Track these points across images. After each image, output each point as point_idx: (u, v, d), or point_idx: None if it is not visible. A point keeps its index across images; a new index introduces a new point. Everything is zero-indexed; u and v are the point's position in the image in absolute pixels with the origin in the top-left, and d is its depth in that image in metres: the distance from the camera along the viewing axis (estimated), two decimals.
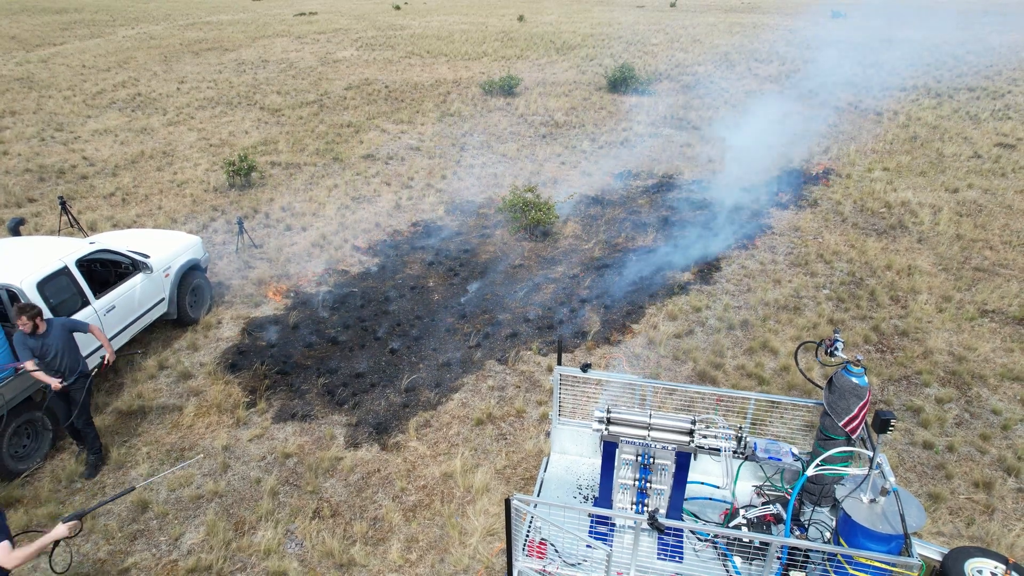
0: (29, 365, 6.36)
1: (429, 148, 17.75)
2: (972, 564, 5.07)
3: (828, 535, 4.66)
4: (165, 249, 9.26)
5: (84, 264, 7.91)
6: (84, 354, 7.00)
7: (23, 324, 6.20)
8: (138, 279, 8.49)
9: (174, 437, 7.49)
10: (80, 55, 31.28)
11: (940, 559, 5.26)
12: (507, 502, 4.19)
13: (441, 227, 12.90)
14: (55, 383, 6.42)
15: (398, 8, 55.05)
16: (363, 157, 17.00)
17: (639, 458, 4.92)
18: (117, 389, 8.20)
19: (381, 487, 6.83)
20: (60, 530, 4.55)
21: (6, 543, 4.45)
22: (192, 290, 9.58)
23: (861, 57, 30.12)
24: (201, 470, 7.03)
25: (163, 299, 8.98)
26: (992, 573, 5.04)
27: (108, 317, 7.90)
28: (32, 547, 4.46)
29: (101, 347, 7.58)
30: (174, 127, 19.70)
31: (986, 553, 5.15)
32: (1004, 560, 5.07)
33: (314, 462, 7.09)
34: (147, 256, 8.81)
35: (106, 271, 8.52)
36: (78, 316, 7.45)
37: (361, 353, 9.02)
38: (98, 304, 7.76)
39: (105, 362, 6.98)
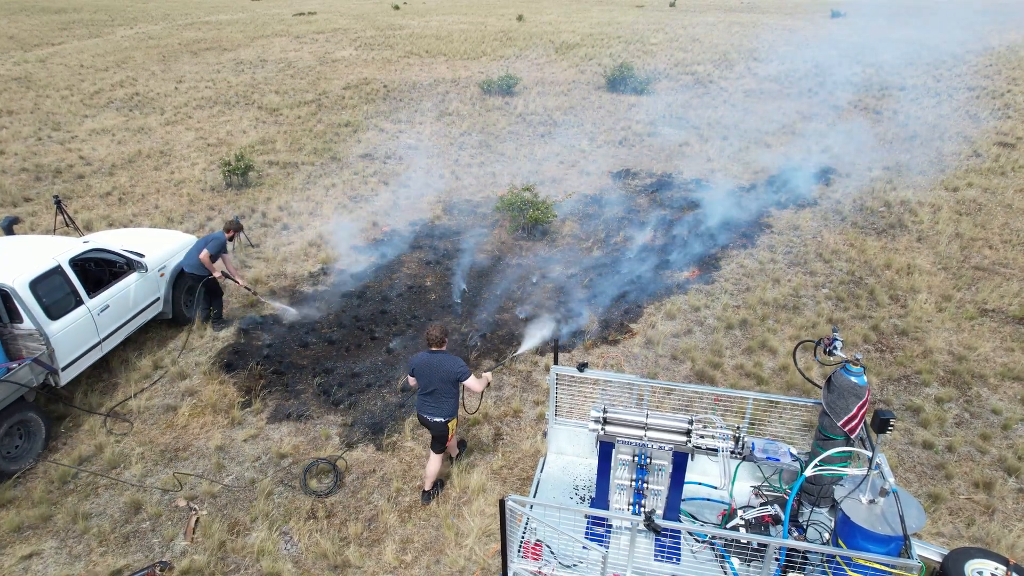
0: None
1: (427, 147, 17.70)
2: (972, 565, 5.03)
3: (827, 536, 4.61)
4: (160, 248, 9.21)
5: (78, 263, 7.84)
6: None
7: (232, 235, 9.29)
8: (133, 278, 8.43)
9: (168, 437, 7.43)
10: (78, 55, 31.21)
11: (940, 560, 5.22)
12: (502, 503, 4.14)
13: (439, 226, 12.84)
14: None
15: (397, 8, 54.99)
16: (361, 156, 16.95)
17: (636, 458, 4.87)
18: (111, 389, 8.15)
19: (376, 488, 6.77)
20: (488, 376, 6.44)
21: (472, 377, 6.20)
22: (187, 289, 9.52)
23: (861, 56, 30.07)
24: (195, 470, 6.97)
25: (158, 298, 8.92)
26: (993, 574, 5.00)
27: (102, 316, 7.84)
28: (484, 379, 6.34)
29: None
30: (172, 126, 19.64)
31: (987, 554, 5.11)
32: (1005, 561, 5.02)
33: (309, 463, 7.04)
34: (142, 255, 8.76)
35: (100, 270, 8.46)
36: (71, 315, 7.42)
37: (357, 353, 8.97)
38: (92, 303, 7.70)
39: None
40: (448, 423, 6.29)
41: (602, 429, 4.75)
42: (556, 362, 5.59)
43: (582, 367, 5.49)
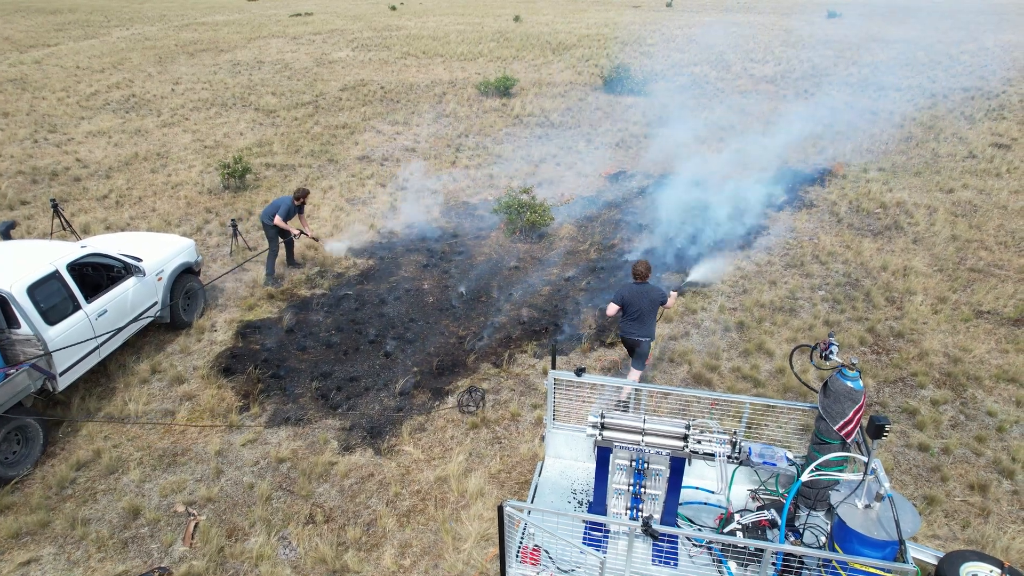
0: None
1: (424, 149, 17.71)
2: (968, 568, 5.06)
3: (823, 539, 4.64)
4: (158, 252, 9.21)
5: (75, 268, 7.84)
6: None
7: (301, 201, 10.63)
8: (130, 283, 8.43)
9: (166, 442, 7.44)
10: (74, 56, 31.15)
11: (936, 563, 5.25)
12: (500, 509, 4.15)
13: (436, 229, 12.86)
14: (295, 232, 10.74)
15: (394, 9, 54.99)
16: (358, 158, 16.96)
17: (633, 463, 4.90)
18: (109, 394, 8.14)
19: (375, 492, 6.79)
20: (674, 295, 7.58)
21: (673, 294, 7.48)
22: (185, 293, 9.53)
23: (857, 57, 30.16)
24: (194, 475, 6.98)
25: (156, 302, 8.92)
26: None
27: (100, 321, 7.84)
28: (672, 296, 7.43)
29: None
30: (168, 128, 19.62)
31: (982, 557, 5.14)
32: (999, 564, 5.06)
33: (308, 467, 7.05)
34: (139, 259, 8.76)
35: (98, 275, 8.45)
36: (68, 320, 7.42)
37: (355, 356, 8.98)
38: (90, 308, 7.70)
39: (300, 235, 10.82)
40: (651, 343, 7.50)
41: (600, 434, 4.77)
42: (554, 366, 5.61)
43: (580, 372, 5.51)
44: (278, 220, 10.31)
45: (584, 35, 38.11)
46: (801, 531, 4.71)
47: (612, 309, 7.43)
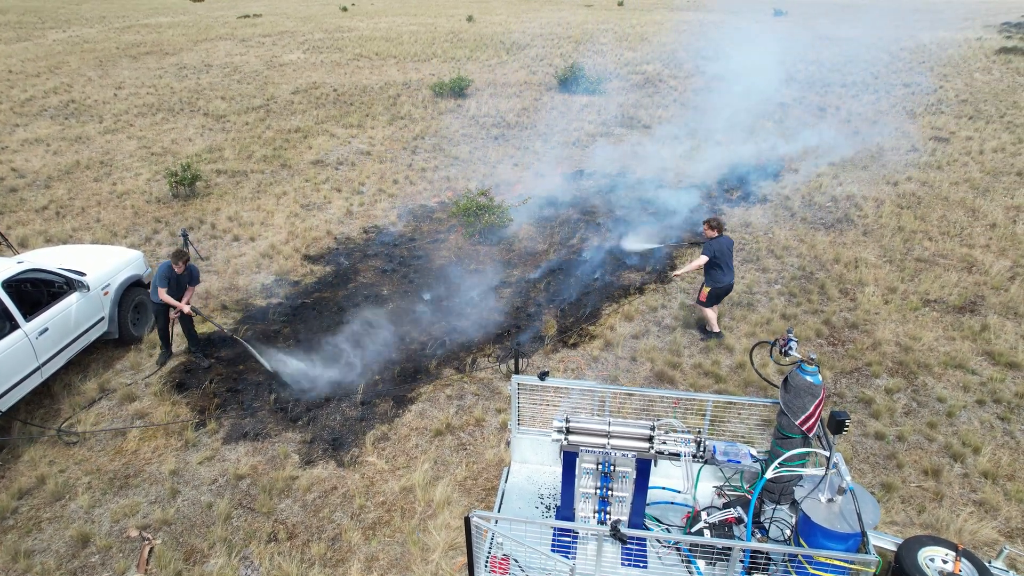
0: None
1: (380, 152, 17.47)
2: (925, 553, 5.18)
3: (789, 533, 4.69)
4: (103, 265, 8.84)
5: (12, 285, 7.45)
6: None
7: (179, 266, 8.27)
8: (73, 298, 8.06)
9: (117, 464, 7.13)
10: (5, 59, 29.77)
11: (895, 550, 5.37)
12: (467, 520, 4.08)
13: (394, 233, 12.68)
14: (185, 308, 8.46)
15: (345, 10, 54.20)
16: (312, 163, 16.62)
17: (600, 466, 4.87)
18: (53, 416, 7.77)
19: (339, 505, 6.63)
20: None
21: None
22: (134, 307, 9.16)
23: (803, 54, 30.98)
24: (147, 497, 6.70)
25: (102, 318, 8.56)
26: (943, 560, 5.17)
27: (41, 340, 7.47)
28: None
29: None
30: (112, 135, 18.89)
31: (937, 541, 5.27)
32: (954, 547, 5.20)
33: (268, 483, 6.84)
34: (83, 274, 8.38)
35: (38, 291, 8.05)
36: (6, 341, 7.06)
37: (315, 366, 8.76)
38: (29, 327, 7.33)
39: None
40: None
41: (565, 439, 4.74)
42: (517, 370, 5.56)
43: (543, 376, 5.47)
44: (162, 294, 8.29)
45: (537, 34, 38.22)
46: (767, 527, 4.76)
47: (703, 260, 8.54)
